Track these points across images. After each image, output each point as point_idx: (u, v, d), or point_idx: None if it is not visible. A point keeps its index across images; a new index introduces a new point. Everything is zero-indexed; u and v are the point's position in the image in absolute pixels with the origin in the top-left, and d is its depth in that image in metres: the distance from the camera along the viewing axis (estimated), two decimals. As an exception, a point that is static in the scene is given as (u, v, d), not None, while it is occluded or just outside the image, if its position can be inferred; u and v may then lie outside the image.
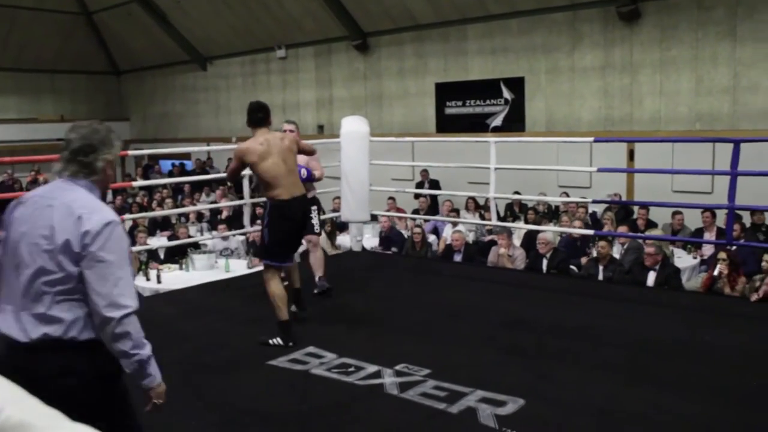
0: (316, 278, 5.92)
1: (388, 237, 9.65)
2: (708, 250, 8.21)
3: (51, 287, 2.26)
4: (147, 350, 2.37)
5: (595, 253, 7.97)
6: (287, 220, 4.83)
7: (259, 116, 4.97)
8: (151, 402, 2.51)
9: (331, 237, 9.29)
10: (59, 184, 2.40)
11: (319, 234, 6.09)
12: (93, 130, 2.49)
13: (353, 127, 7.50)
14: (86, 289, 2.26)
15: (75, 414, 1.72)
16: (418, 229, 9.17)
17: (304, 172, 5.57)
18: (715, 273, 6.52)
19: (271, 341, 4.68)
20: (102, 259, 2.26)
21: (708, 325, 5.05)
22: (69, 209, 2.30)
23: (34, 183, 15.59)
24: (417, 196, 12.70)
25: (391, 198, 11.75)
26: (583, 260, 8.31)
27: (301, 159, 5.45)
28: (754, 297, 5.78)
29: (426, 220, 10.44)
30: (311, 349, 4.57)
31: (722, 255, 6.53)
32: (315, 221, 5.76)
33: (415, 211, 12.05)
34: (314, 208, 5.74)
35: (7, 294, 2.33)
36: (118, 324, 2.27)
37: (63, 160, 2.43)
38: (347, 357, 4.39)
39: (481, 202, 11.47)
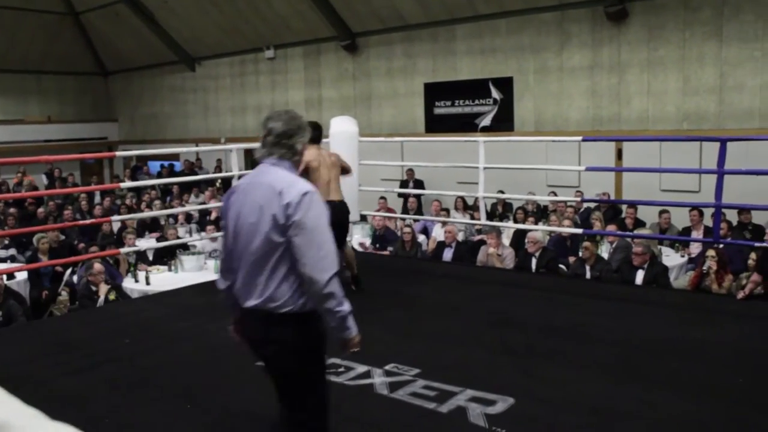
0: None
1: (383, 236, 9.65)
2: (695, 249, 8.26)
3: (259, 260, 2.58)
4: (347, 307, 2.63)
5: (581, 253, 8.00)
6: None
7: (316, 134, 5.68)
8: (349, 350, 2.79)
9: None
10: (263, 168, 2.74)
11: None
12: (292, 117, 2.79)
13: (342, 128, 7.50)
14: (295, 256, 2.54)
15: (284, 372, 2.59)
16: (408, 229, 9.18)
17: None
18: (704, 268, 6.55)
19: None
20: (305, 225, 2.52)
21: (696, 323, 5.08)
22: (271, 187, 2.60)
23: (19, 185, 15.52)
24: (401, 195, 12.73)
25: (382, 198, 11.76)
26: (571, 259, 8.34)
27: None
28: (740, 295, 5.82)
29: (416, 220, 10.45)
30: (301, 349, 4.56)
31: (711, 252, 6.56)
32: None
33: (405, 211, 12.07)
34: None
35: (236, 268, 2.70)
36: (326, 285, 2.54)
37: (267, 145, 2.74)
38: (336, 357, 4.38)
39: (470, 201, 11.49)
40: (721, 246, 6.77)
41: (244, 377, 4.16)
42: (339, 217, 5.61)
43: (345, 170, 6.23)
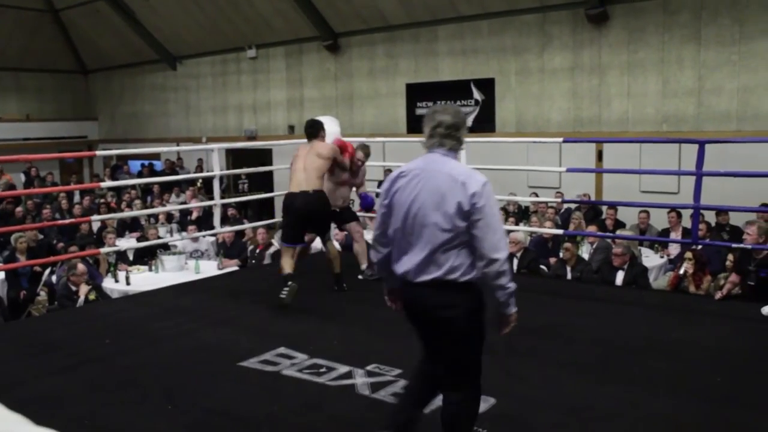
0: (363, 267, 6.49)
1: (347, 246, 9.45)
2: (674, 250, 8.35)
3: (440, 239, 2.87)
4: (514, 285, 2.93)
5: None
6: (289, 208, 5.82)
7: (309, 131, 6.07)
8: (507, 326, 3.03)
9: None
10: (434, 157, 3.00)
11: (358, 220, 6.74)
12: (457, 111, 3.11)
13: (325, 127, 7.48)
14: (473, 239, 2.85)
15: (450, 337, 2.89)
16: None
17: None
18: (681, 272, 6.63)
19: (281, 295, 5.45)
20: (487, 212, 2.84)
21: (675, 323, 5.13)
22: (451, 177, 2.90)
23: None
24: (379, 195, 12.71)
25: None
26: (552, 260, 8.40)
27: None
28: (718, 295, 5.90)
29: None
30: (282, 350, 4.56)
31: (688, 255, 6.64)
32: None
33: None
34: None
35: (399, 245, 2.99)
36: (502, 263, 2.84)
37: (438, 136, 3.01)
38: (318, 358, 4.39)
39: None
40: (699, 248, 6.85)
41: (226, 377, 4.16)
42: (306, 204, 5.75)
43: (341, 167, 6.26)
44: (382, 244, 3.12)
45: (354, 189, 6.89)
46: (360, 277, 6.50)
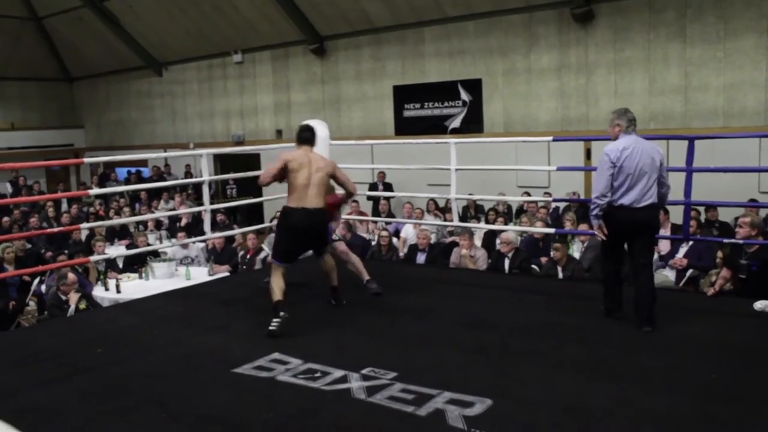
0: (365, 281, 6.16)
1: (349, 243, 9.47)
2: (665, 247, 8.36)
3: (654, 181, 4.93)
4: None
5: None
6: (291, 226, 5.35)
7: (306, 135, 5.55)
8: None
9: None
10: (636, 137, 4.99)
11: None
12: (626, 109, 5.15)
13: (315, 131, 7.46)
14: (660, 178, 4.97)
15: (653, 230, 5.12)
16: (385, 233, 9.17)
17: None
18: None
19: (271, 327, 4.97)
20: (664, 166, 5.04)
21: (667, 320, 5.13)
22: (654, 148, 4.96)
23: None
24: (370, 198, 12.72)
25: (354, 201, 11.73)
26: (544, 260, 8.41)
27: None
28: (710, 291, 5.91)
29: (388, 223, 10.45)
30: (276, 355, 4.54)
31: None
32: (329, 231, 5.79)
33: (376, 214, 12.06)
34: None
35: (627, 186, 4.91)
36: (669, 188, 5.10)
37: (633, 125, 5.03)
38: (313, 362, 4.36)
39: (441, 203, 11.53)
40: (691, 243, 6.87)
41: (220, 384, 4.13)
42: (312, 224, 5.32)
43: (340, 183, 5.67)
44: (606, 195, 4.90)
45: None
46: (370, 291, 6.11)
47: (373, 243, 9.72)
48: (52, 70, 20.90)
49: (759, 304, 5.28)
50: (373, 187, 13.09)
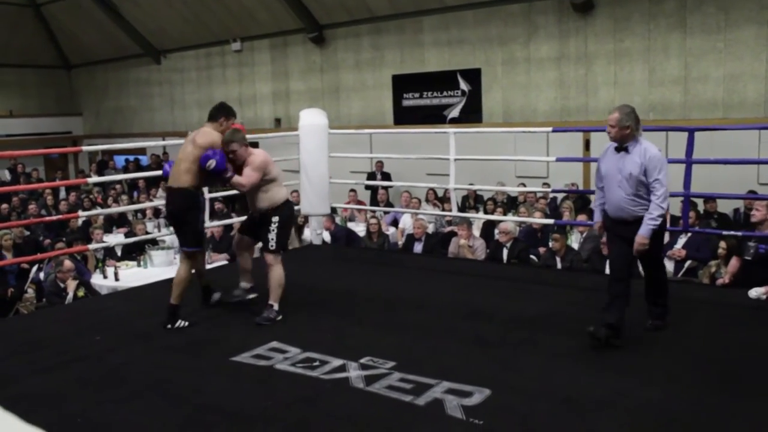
0: (242, 286, 5.54)
1: (332, 235, 9.44)
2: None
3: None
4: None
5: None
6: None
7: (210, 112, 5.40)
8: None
9: (299, 231, 9.22)
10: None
11: (275, 251, 5.17)
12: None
13: (312, 120, 7.48)
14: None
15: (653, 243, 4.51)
16: (374, 220, 9.19)
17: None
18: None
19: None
20: None
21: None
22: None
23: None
24: (368, 187, 12.71)
25: (352, 190, 11.74)
26: (542, 250, 8.41)
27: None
28: (720, 281, 5.88)
29: (386, 212, 10.44)
30: (275, 344, 4.54)
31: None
32: (272, 236, 5.16)
33: (374, 204, 12.06)
34: (275, 219, 5.17)
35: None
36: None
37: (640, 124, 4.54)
38: (311, 351, 4.37)
39: (440, 193, 11.53)
40: (689, 234, 6.87)
41: (218, 373, 4.14)
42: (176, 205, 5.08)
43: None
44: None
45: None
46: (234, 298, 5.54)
47: (363, 234, 9.67)
48: (51, 57, 20.83)
49: (753, 292, 5.28)
50: (371, 176, 13.08)
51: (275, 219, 5.17)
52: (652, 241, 4.42)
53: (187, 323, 5.03)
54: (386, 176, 13.13)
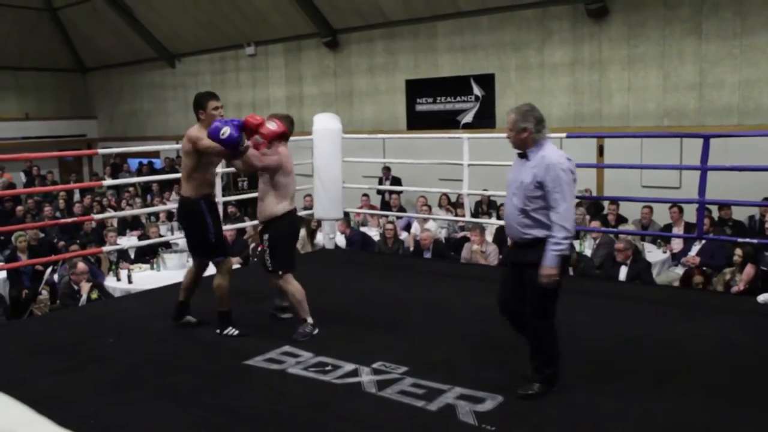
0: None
1: (348, 239, 9.49)
2: (677, 245, 8.33)
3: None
4: None
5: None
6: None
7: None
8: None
9: (312, 235, 9.23)
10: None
11: (272, 272, 4.90)
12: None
13: (326, 124, 7.49)
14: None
15: None
16: (390, 225, 9.16)
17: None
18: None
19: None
20: None
21: (680, 319, 5.11)
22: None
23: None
24: (380, 192, 12.72)
25: (365, 195, 11.75)
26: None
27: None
28: (735, 289, 5.84)
29: (399, 217, 10.44)
30: (287, 348, 4.55)
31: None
32: (266, 256, 4.91)
33: (385, 209, 12.05)
34: (266, 238, 4.90)
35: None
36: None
37: (544, 124, 3.84)
38: (324, 356, 4.37)
39: (453, 198, 11.51)
40: (703, 241, 6.83)
41: (231, 376, 4.15)
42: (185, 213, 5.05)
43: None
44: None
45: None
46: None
47: (378, 238, 9.67)
48: (67, 60, 21.00)
49: (762, 297, 5.24)
50: (380, 182, 13.08)
51: (266, 237, 4.87)
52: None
53: (237, 332, 4.84)
54: (396, 181, 13.12)
